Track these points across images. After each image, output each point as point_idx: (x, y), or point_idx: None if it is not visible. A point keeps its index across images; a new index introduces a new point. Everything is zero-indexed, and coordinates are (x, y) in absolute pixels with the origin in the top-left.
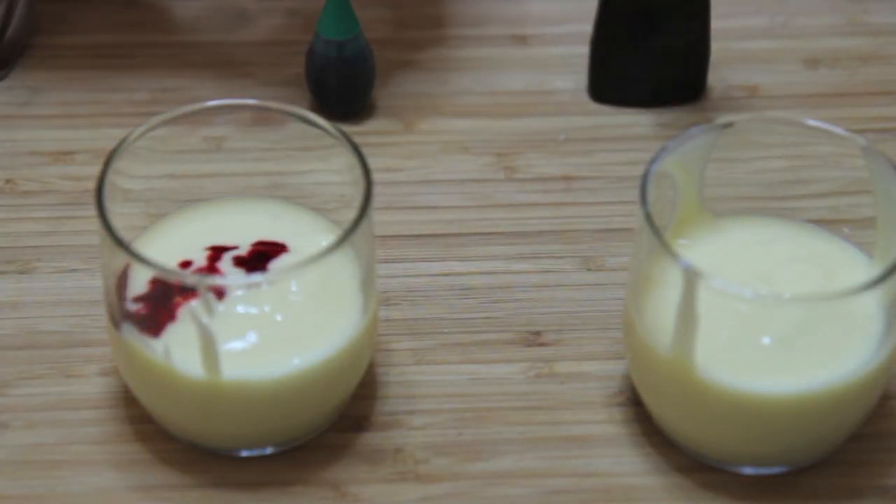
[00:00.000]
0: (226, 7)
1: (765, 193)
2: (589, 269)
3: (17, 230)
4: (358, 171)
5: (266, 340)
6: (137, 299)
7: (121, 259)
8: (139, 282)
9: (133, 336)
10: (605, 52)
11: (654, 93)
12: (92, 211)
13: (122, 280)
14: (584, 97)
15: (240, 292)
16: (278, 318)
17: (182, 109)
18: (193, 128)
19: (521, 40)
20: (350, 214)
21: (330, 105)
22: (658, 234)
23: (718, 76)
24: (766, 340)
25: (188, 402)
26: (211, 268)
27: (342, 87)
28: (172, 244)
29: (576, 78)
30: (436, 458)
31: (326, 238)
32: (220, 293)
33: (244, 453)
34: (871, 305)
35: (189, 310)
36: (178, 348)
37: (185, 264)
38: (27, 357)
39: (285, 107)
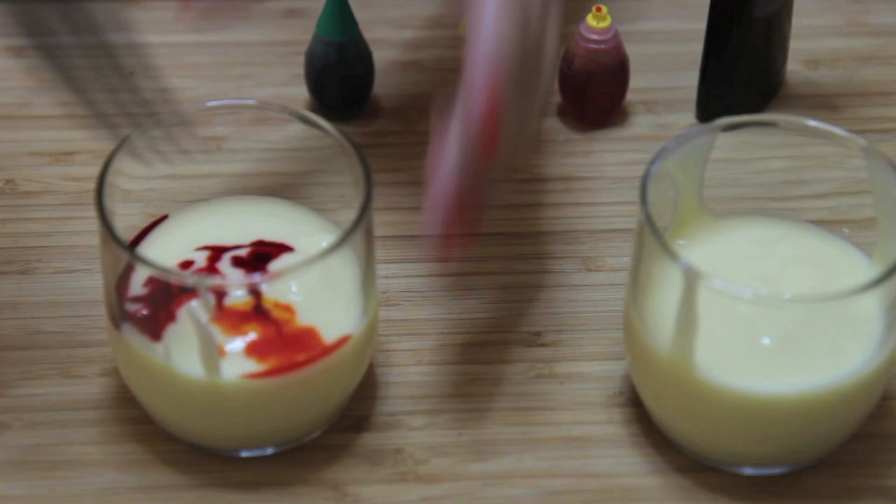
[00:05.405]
0: (226, 7)
1: (765, 194)
2: (589, 270)
3: (17, 230)
4: (358, 172)
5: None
6: (137, 300)
7: (121, 259)
8: (139, 282)
9: (133, 336)
10: (715, 89)
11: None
12: (92, 211)
13: (122, 280)
14: None
15: (240, 293)
16: (278, 318)
17: (182, 109)
18: (193, 128)
19: None
20: (350, 214)
21: (330, 105)
22: (658, 235)
23: None
24: (766, 340)
25: (188, 402)
26: (211, 268)
27: (342, 88)
28: (172, 244)
29: None
30: (436, 459)
31: (326, 238)
32: (220, 293)
33: (244, 453)
34: (871, 306)
35: (189, 310)
36: (178, 349)
37: (186, 265)
38: (27, 357)
39: (285, 107)
